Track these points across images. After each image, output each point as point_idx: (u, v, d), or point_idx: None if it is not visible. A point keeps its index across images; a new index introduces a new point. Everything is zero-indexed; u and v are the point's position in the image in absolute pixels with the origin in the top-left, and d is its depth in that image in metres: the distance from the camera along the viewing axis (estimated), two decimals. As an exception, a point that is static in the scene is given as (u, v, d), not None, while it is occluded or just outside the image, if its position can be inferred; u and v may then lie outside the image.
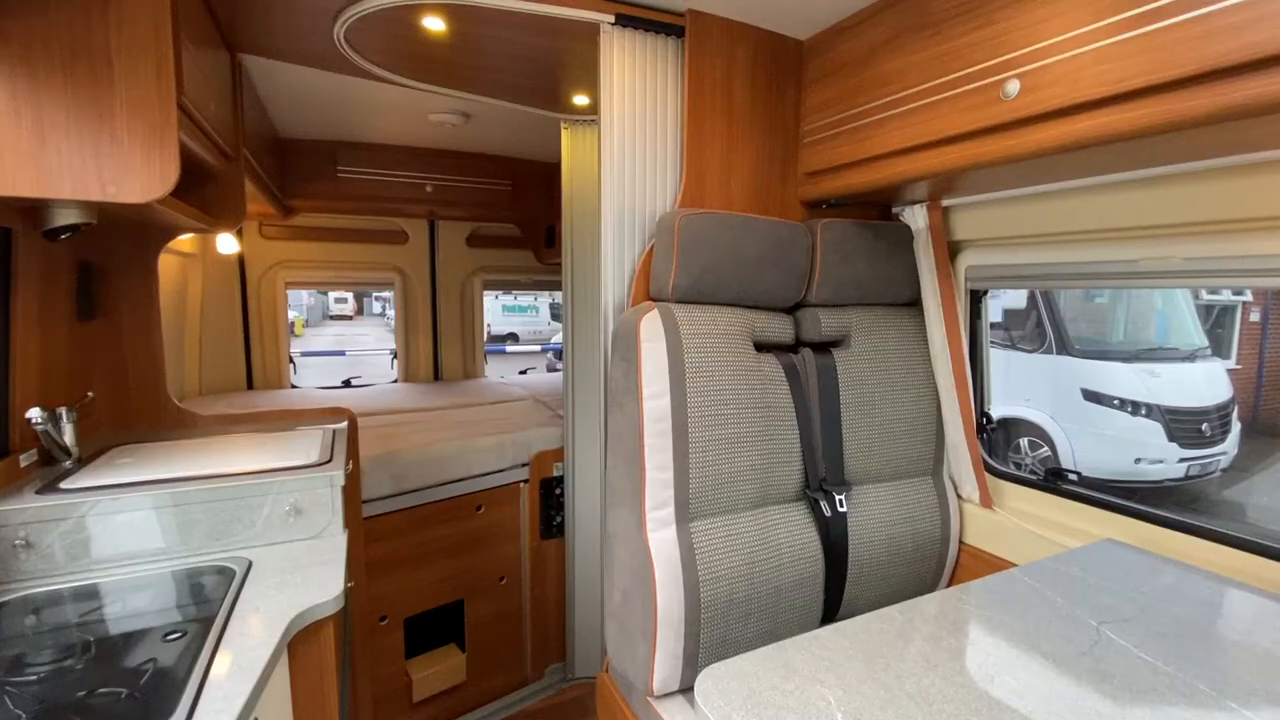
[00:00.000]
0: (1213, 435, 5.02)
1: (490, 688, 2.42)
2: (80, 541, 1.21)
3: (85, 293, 1.58)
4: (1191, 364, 5.33)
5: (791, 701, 0.83)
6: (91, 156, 1.12)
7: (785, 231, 1.50)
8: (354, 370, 4.18)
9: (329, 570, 1.23)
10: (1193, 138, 1.01)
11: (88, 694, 0.89)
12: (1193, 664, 0.93)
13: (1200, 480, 4.97)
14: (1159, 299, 5.89)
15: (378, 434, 2.37)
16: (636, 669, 1.35)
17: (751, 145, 1.63)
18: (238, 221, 1.75)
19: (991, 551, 1.66)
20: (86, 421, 1.55)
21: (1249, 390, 7.81)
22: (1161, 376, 5.07)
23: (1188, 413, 4.95)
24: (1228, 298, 8.15)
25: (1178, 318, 5.78)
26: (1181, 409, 4.93)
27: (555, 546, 2.53)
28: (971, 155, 1.21)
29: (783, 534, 1.45)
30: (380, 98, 2.25)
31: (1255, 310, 8.22)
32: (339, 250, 3.38)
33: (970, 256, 1.68)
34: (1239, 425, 5.30)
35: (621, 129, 1.54)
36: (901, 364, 1.66)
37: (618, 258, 1.55)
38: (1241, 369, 7.85)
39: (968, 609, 1.10)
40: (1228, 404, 5.21)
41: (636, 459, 1.35)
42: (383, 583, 2.12)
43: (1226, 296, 8.13)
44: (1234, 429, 5.22)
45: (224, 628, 1.01)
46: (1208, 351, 5.52)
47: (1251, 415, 7.34)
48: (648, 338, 1.36)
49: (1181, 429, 4.90)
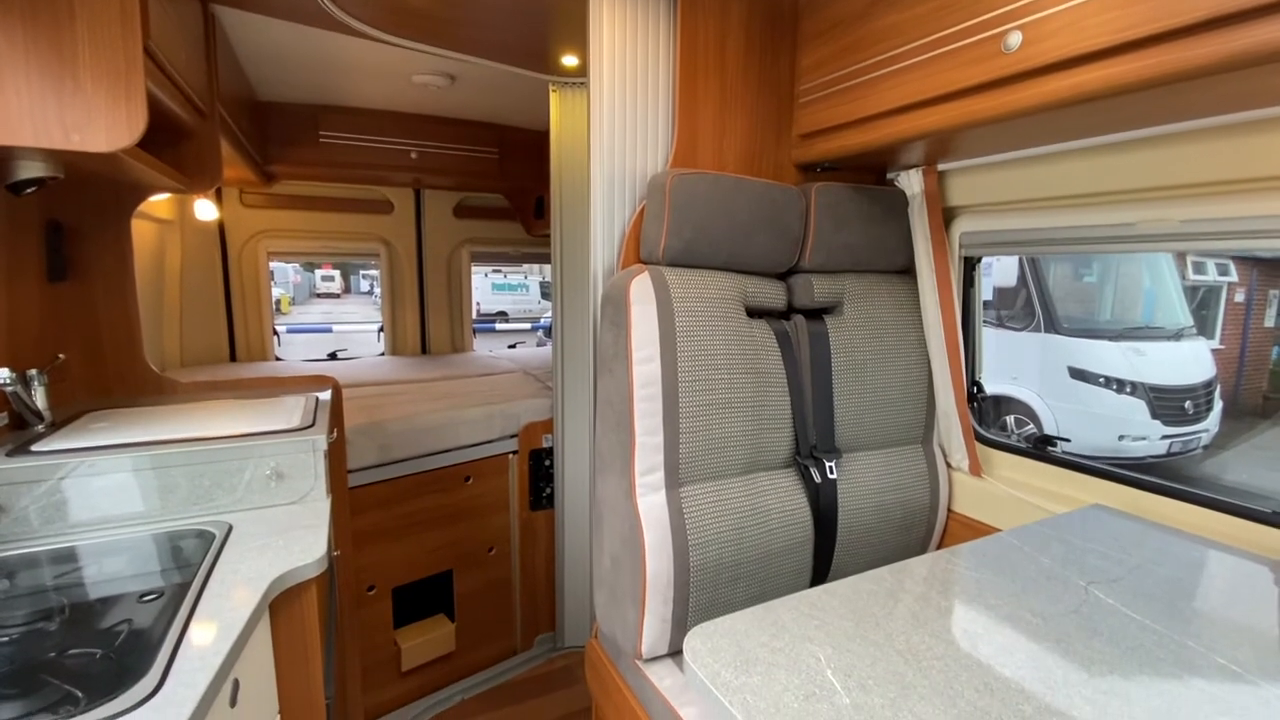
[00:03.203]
0: (1195, 413, 5.09)
1: (479, 657, 2.43)
2: (55, 505, 1.18)
3: (55, 253, 1.53)
4: (1177, 343, 5.38)
5: (781, 659, 0.82)
6: (54, 102, 1.07)
7: (779, 194, 1.47)
8: (340, 346, 4.12)
9: (312, 534, 1.20)
10: (1196, 91, 0.99)
11: (60, 654, 0.86)
12: (1181, 622, 0.93)
13: (1181, 457, 5.05)
14: (1147, 278, 5.93)
15: (363, 404, 2.34)
16: (625, 633, 1.35)
17: (745, 106, 1.58)
18: (214, 182, 1.70)
19: (980, 519, 1.66)
20: (60, 387, 1.51)
21: (1231, 369, 7.93)
22: (1147, 355, 5.12)
23: (1171, 390, 5.01)
24: (1214, 278, 8.23)
25: (1165, 297, 5.82)
26: (1165, 387, 4.99)
27: (544, 518, 2.52)
28: (971, 112, 1.17)
29: (772, 500, 1.44)
30: (362, 58, 2.18)
31: (1240, 291, 8.32)
32: (323, 220, 3.30)
33: (965, 223, 1.65)
34: (1220, 403, 5.38)
35: (611, 88, 1.50)
36: (894, 332, 1.64)
37: (607, 220, 1.52)
38: (1225, 349, 7.96)
39: (957, 570, 1.09)
40: (1210, 382, 5.28)
41: (626, 424, 1.33)
42: (370, 552, 2.10)
43: (1212, 277, 8.21)
44: (1216, 407, 5.29)
45: (202, 589, 0.99)
46: (1193, 331, 5.57)
47: (1233, 394, 7.45)
48: (638, 300, 1.33)
49: (1165, 407, 4.96)
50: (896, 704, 0.74)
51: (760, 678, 0.78)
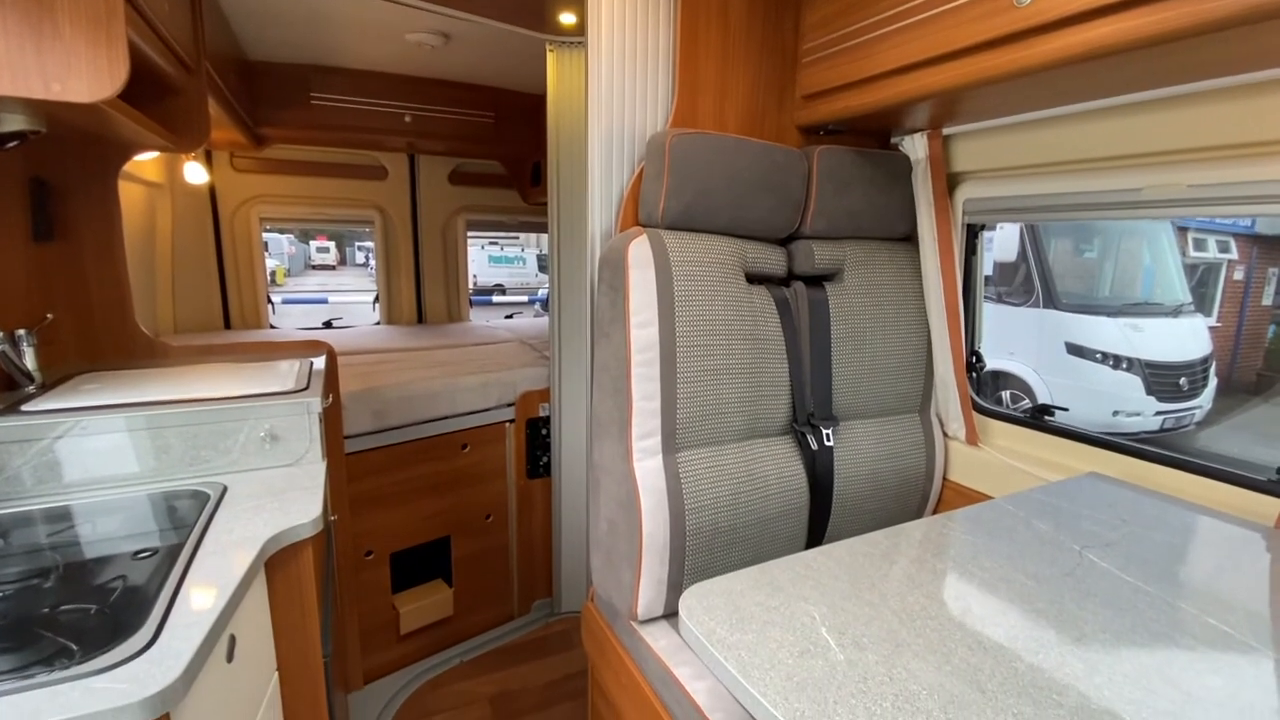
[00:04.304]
0: (1190, 389, 5.11)
1: (477, 621, 2.46)
2: (47, 465, 1.17)
3: (40, 211, 1.49)
4: (1175, 319, 5.37)
5: (776, 617, 0.82)
6: (33, 50, 1.02)
7: (781, 156, 1.44)
8: (336, 316, 4.09)
9: (307, 495, 1.20)
10: (1209, 48, 0.96)
11: (53, 609, 0.86)
12: (1174, 585, 0.93)
13: (1174, 432, 5.08)
14: (1147, 254, 5.90)
15: (359, 372, 2.33)
16: (621, 595, 1.36)
17: (748, 65, 1.54)
18: (201, 141, 1.65)
19: (975, 488, 1.67)
20: (50, 349, 1.49)
21: (1227, 347, 7.94)
22: (1144, 331, 5.11)
23: (1167, 367, 5.02)
24: (1214, 255, 8.20)
25: (1164, 273, 5.79)
26: (1161, 363, 5.00)
27: (542, 486, 2.53)
28: (979, 70, 1.14)
29: (769, 466, 1.44)
30: (353, 14, 2.11)
31: (1239, 269, 8.29)
32: (316, 185, 3.25)
33: (969, 189, 1.63)
34: (1215, 380, 5.39)
35: (610, 45, 1.45)
36: (894, 300, 1.62)
37: (605, 182, 1.49)
38: (1222, 326, 7.96)
39: (952, 534, 1.10)
40: (1206, 359, 5.28)
41: (623, 389, 1.32)
42: (367, 518, 2.11)
43: (1213, 254, 8.17)
44: (1210, 384, 5.31)
45: (196, 547, 0.99)
46: (1191, 307, 5.56)
47: (1228, 371, 7.48)
48: (636, 264, 1.31)
49: (1160, 383, 4.97)
50: (890, 660, 0.74)
51: (755, 635, 0.78)
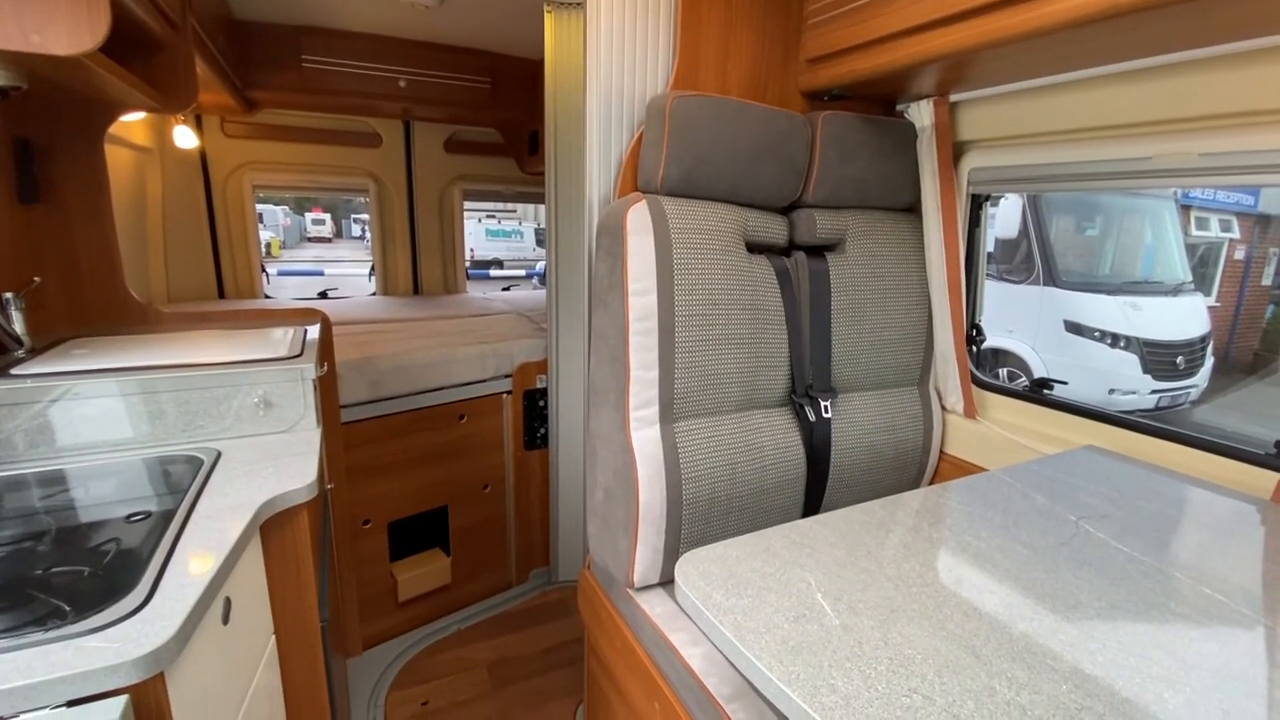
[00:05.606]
0: (1187, 368, 5.12)
1: (474, 590, 2.48)
2: (39, 429, 1.16)
3: (25, 173, 1.46)
4: (1174, 298, 5.36)
5: (772, 583, 0.82)
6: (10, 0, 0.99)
7: (784, 122, 1.40)
8: (331, 287, 4.06)
9: (302, 461, 1.19)
10: (1224, 8, 0.93)
11: (45, 571, 0.86)
12: (1169, 555, 0.93)
13: (1169, 411, 5.10)
14: (1149, 232, 5.85)
15: (354, 341, 2.31)
16: (617, 562, 1.36)
17: (752, 26, 1.50)
18: (189, 101, 1.61)
19: (972, 460, 1.67)
20: (39, 315, 1.47)
21: (1226, 326, 7.94)
22: (1143, 310, 5.10)
23: (1164, 346, 5.02)
24: (1216, 234, 8.14)
25: (1166, 252, 5.76)
26: (1158, 342, 4.99)
27: (539, 457, 2.53)
28: (990, 31, 1.11)
29: (766, 437, 1.43)
30: (345, -29, 2.05)
31: (1241, 248, 8.25)
32: (309, 152, 3.18)
33: (975, 158, 1.59)
34: (1212, 360, 5.40)
35: (610, 4, 1.41)
36: (896, 272, 1.60)
37: (604, 146, 1.45)
38: (1221, 306, 7.95)
39: (949, 504, 1.10)
40: (1203, 338, 5.28)
41: (620, 358, 1.31)
42: (364, 487, 2.11)
43: (1215, 233, 8.12)
44: (1207, 363, 5.32)
45: (190, 511, 0.98)
46: (1191, 287, 5.54)
47: (1225, 350, 7.49)
48: (635, 230, 1.28)
49: (1157, 361, 4.98)
50: (885, 625, 0.74)
51: (751, 600, 0.78)
